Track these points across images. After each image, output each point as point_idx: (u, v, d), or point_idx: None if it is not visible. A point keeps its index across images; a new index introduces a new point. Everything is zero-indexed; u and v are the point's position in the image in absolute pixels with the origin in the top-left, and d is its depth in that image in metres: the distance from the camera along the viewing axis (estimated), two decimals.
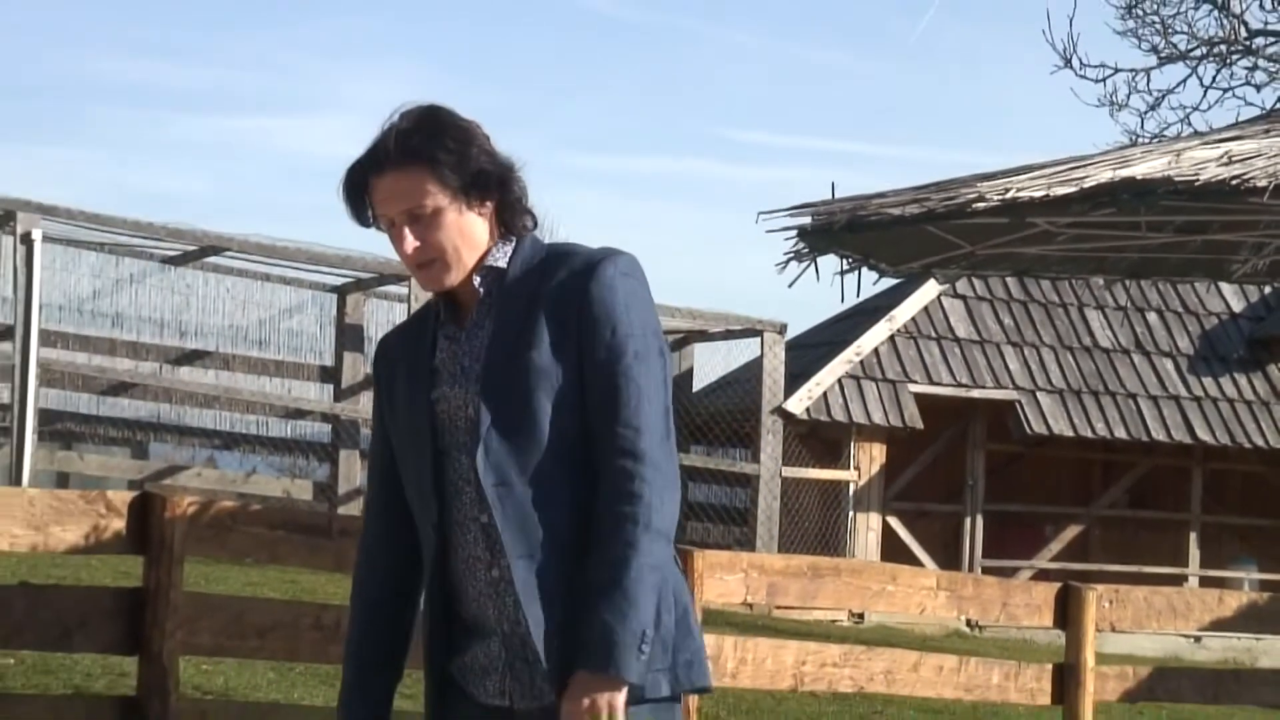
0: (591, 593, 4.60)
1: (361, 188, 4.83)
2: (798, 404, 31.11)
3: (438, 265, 4.78)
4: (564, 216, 4.86)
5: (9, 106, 74.11)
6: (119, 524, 10.37)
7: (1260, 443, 33.61)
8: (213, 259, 27.06)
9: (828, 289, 11.05)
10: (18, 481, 23.94)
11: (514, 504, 4.66)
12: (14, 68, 75.88)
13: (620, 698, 4.56)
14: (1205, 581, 31.85)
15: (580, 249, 4.86)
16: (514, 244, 4.86)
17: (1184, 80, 22.59)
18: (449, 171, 4.73)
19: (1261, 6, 22.28)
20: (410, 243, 4.75)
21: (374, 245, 23.27)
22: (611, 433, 4.67)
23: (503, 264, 4.83)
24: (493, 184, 4.80)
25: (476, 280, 4.83)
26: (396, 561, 5.02)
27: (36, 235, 25.32)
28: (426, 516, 4.80)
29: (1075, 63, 22.89)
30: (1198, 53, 22.51)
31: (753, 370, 29.77)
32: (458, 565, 4.78)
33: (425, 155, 4.73)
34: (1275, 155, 8.33)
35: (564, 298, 4.71)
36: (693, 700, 11.72)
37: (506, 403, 4.69)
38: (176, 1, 77.86)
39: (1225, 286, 32.62)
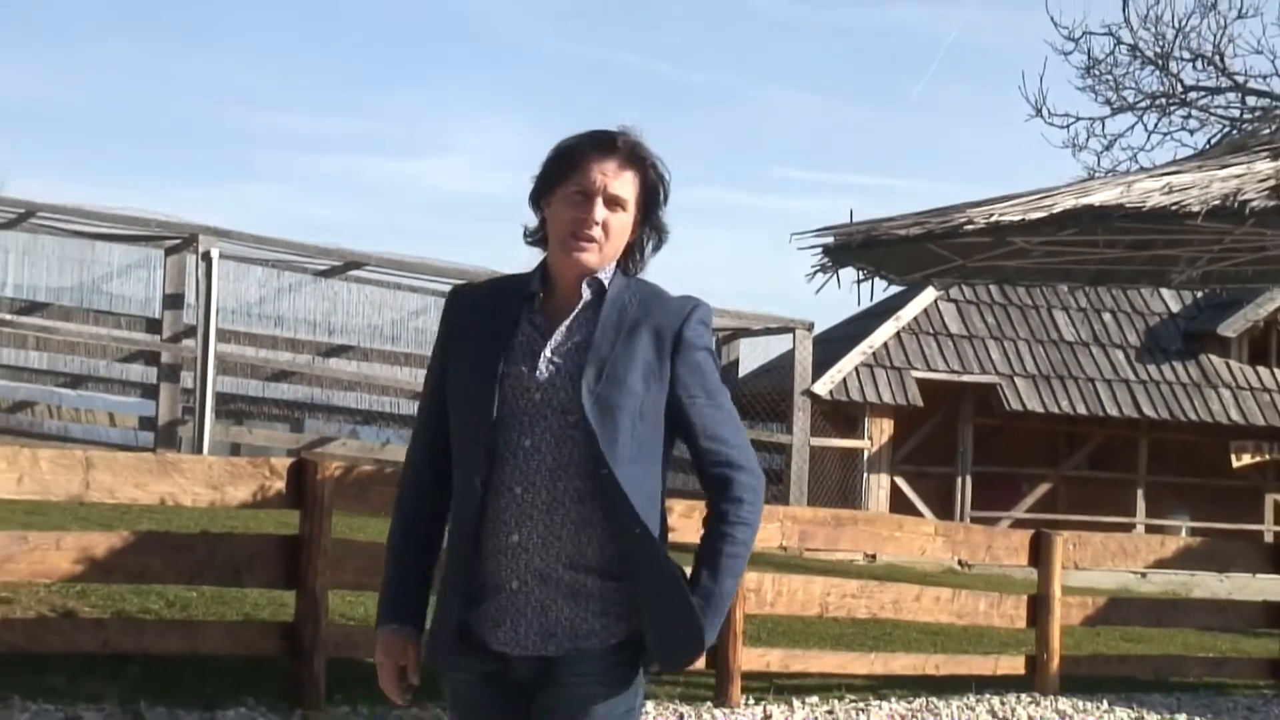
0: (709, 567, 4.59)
1: (570, 158, 4.64)
2: (822, 387, 31.16)
3: (594, 247, 4.57)
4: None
5: (193, 150, 73.86)
6: (280, 484, 10.57)
7: (1194, 417, 33.58)
8: (355, 272, 27.00)
9: (847, 294, 11.37)
10: (199, 451, 24.05)
11: (634, 468, 4.49)
12: (198, 118, 75.41)
13: None
14: (1149, 529, 31.74)
15: (667, 294, 4.73)
16: (616, 271, 4.67)
17: (1132, 127, 22.62)
18: (648, 193, 4.68)
19: (1194, 67, 22.37)
20: (600, 213, 4.54)
21: (482, 260, 23.38)
22: (710, 441, 4.61)
23: (604, 280, 4.62)
24: (652, 223, 4.75)
25: (585, 286, 4.62)
26: (435, 486, 4.73)
27: (214, 254, 25.54)
28: (474, 472, 4.56)
29: (1045, 112, 22.94)
30: (1143, 105, 22.56)
31: (786, 360, 29.75)
32: (483, 523, 4.54)
33: (647, 168, 4.67)
34: (1206, 187, 8.50)
35: (661, 331, 4.58)
36: (738, 622, 11.98)
37: (609, 401, 4.49)
38: (325, 64, 77.27)
39: (1165, 292, 32.60)
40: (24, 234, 26.67)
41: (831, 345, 32.64)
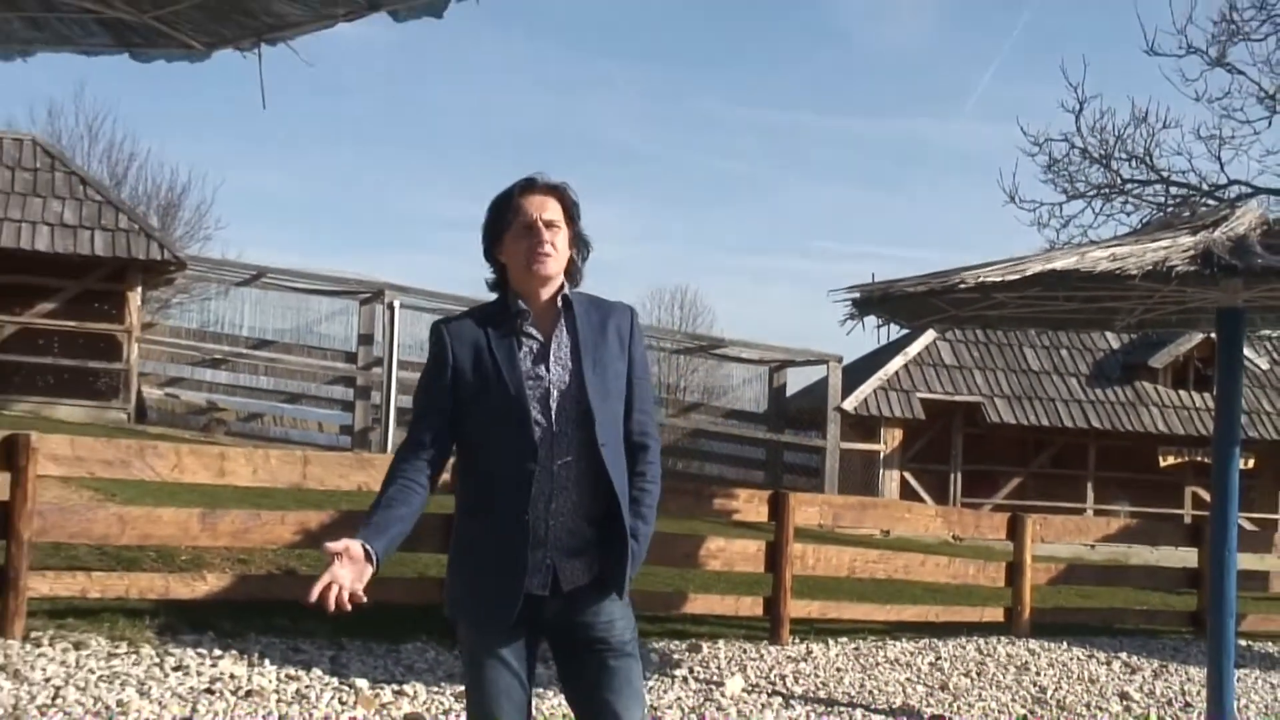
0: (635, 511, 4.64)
1: (506, 205, 4.62)
2: (849, 404, 31.28)
3: (551, 258, 4.54)
4: (716, 291, 4.85)
5: (382, 227, 74.29)
6: (447, 475, 10.77)
7: (1131, 428, 33.60)
8: None
9: (869, 335, 11.37)
10: (385, 450, 24.21)
11: (612, 452, 4.52)
12: (387, 203, 75.72)
13: None
14: (1097, 512, 31.73)
15: (610, 301, 4.75)
16: (566, 286, 4.64)
17: (1082, 210, 22.41)
18: (568, 212, 4.64)
19: (1130, 165, 22.20)
20: (546, 234, 4.52)
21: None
22: (639, 414, 4.69)
23: (569, 297, 4.62)
24: (581, 241, 4.70)
25: (558, 304, 4.62)
26: (427, 464, 4.60)
27: (396, 304, 25.74)
28: (523, 458, 4.48)
29: (1016, 199, 22.75)
30: (1091, 193, 22.33)
31: (822, 384, 29.84)
32: (529, 498, 4.48)
33: (562, 194, 4.65)
34: (1141, 255, 8.46)
35: (619, 330, 4.63)
36: (787, 580, 12.01)
37: (602, 391, 4.54)
38: (472, 168, 77.79)
39: (1109, 334, 32.52)
40: (257, 289, 27.08)
41: (856, 373, 32.77)
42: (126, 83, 79.55)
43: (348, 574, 4.37)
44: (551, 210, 4.61)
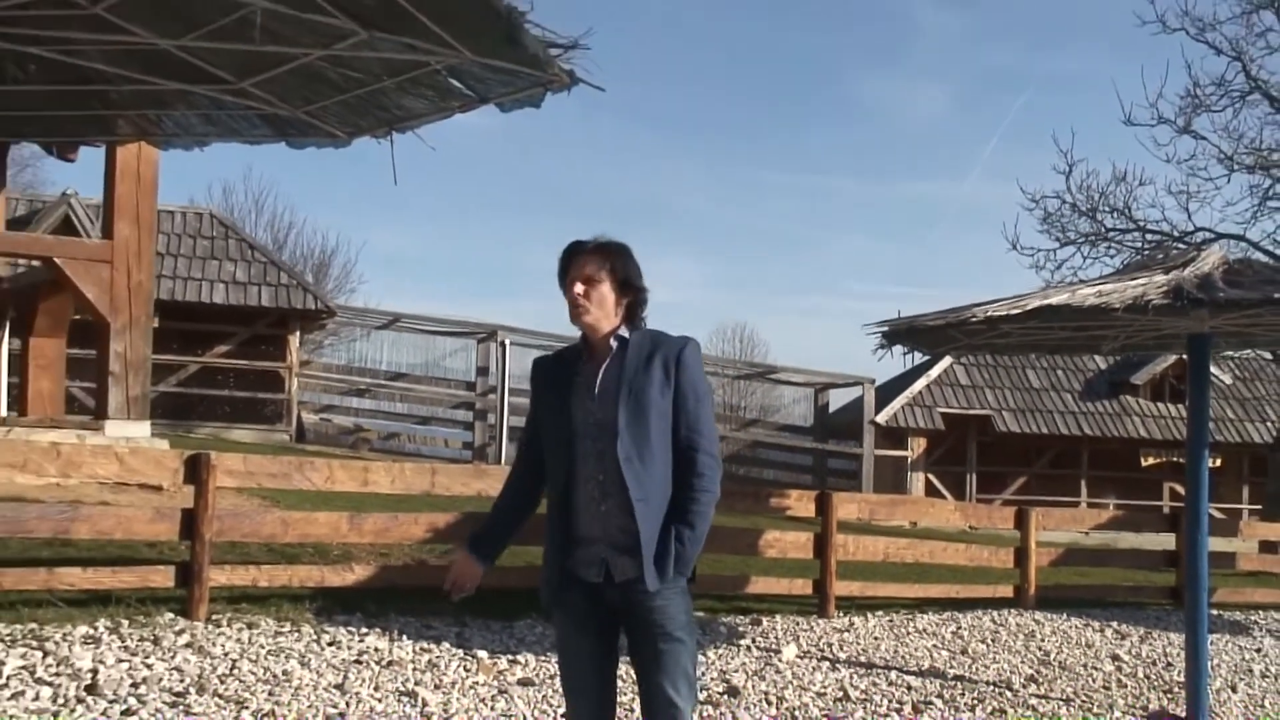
0: (680, 517, 4.56)
1: (561, 264, 4.62)
2: (881, 418, 31.36)
3: (583, 310, 4.53)
4: (769, 326, 4.83)
5: (493, 278, 74.66)
6: None
7: (1117, 434, 33.69)
8: None
9: (897, 361, 11.37)
10: (499, 462, 24.26)
11: (635, 466, 4.47)
12: (494, 259, 76.34)
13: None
14: (1089, 505, 31.57)
15: (670, 336, 4.66)
16: (632, 327, 4.60)
17: (1072, 255, 22.26)
18: (616, 270, 4.58)
19: (1112, 217, 22.05)
20: (579, 289, 4.53)
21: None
22: (687, 430, 4.58)
23: (626, 336, 4.58)
24: (632, 289, 4.62)
25: (613, 343, 4.57)
26: (528, 482, 4.76)
27: (506, 342, 25.80)
28: (561, 469, 4.54)
29: (1018, 247, 22.62)
30: (1080, 241, 22.17)
31: (859, 402, 29.77)
32: (578, 503, 4.52)
33: (610, 254, 4.59)
34: (1123, 292, 8.40)
35: (666, 361, 4.55)
36: (833, 565, 11.98)
37: (633, 413, 4.49)
38: (560, 230, 78.22)
39: (1098, 357, 32.31)
40: (393, 331, 27.23)
41: (886, 392, 32.84)
42: (284, 165, 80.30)
43: (465, 575, 4.77)
44: (591, 269, 4.59)
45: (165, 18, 4.27)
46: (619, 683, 4.77)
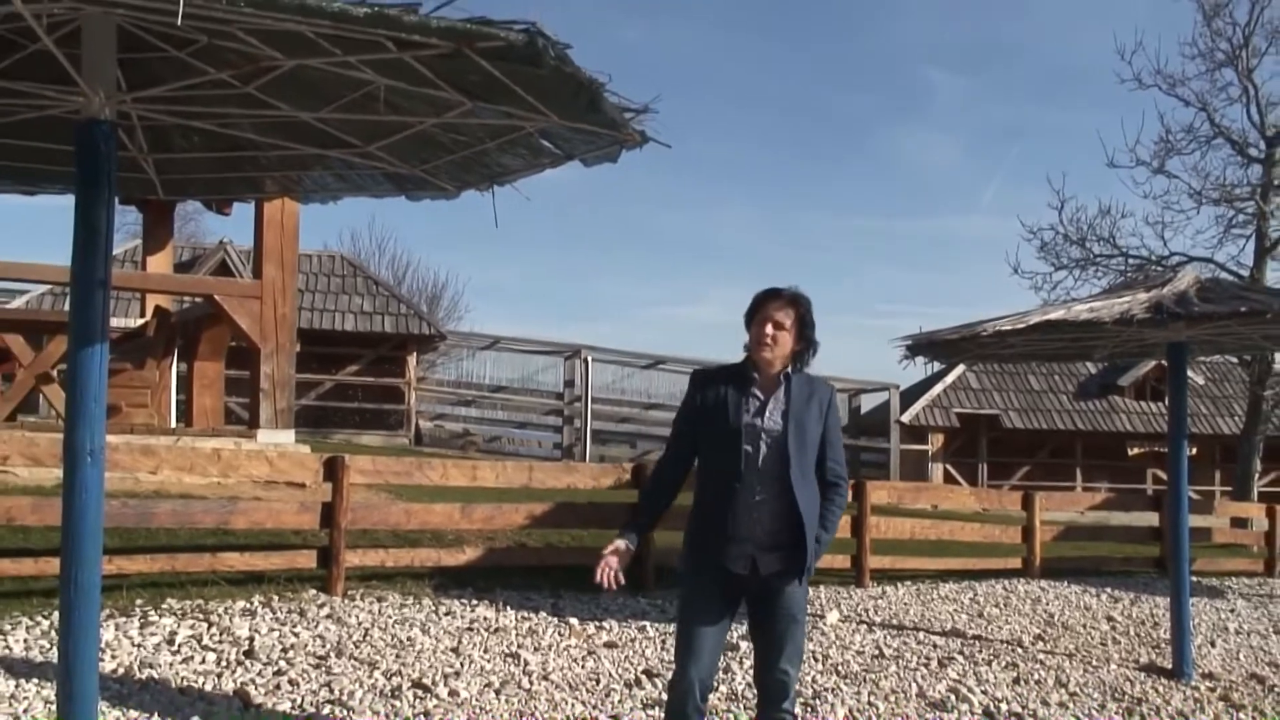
0: (822, 525, 4.69)
1: (757, 302, 4.72)
2: (906, 418, 31.16)
3: (767, 348, 4.63)
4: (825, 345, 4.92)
5: (581, 305, 74.89)
6: (627, 476, 10.57)
7: (1106, 429, 33.32)
8: (661, 366, 27.22)
9: (919, 369, 11.31)
10: (584, 459, 24.34)
11: (802, 485, 4.58)
12: (583, 290, 76.50)
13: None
14: (1084, 489, 31.18)
15: (820, 381, 4.80)
16: (794, 368, 4.72)
17: (1066, 277, 22.12)
18: (801, 321, 4.68)
19: (1099, 244, 21.87)
20: (769, 330, 4.62)
21: (719, 357, 23.20)
22: (832, 462, 4.75)
23: (791, 375, 4.69)
24: (807, 339, 4.72)
25: (780, 379, 4.68)
26: (675, 475, 4.80)
27: (589, 359, 25.86)
28: (732, 477, 4.59)
29: (1019, 272, 22.58)
30: (1072, 265, 22.03)
31: (886, 405, 29.62)
32: (735, 505, 4.56)
33: (799, 306, 4.68)
34: (1111, 308, 8.32)
35: (820, 402, 4.70)
36: (868, 543, 11.89)
37: (800, 443, 4.61)
38: (649, 271, 78.18)
39: (1090, 363, 32.06)
40: (494, 351, 27.30)
41: (910, 395, 32.64)
42: (403, 214, 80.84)
43: (615, 561, 4.77)
44: (784, 315, 4.69)
45: (305, 94, 4.31)
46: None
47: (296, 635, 7.47)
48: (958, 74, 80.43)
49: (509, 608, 8.89)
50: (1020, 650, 9.23)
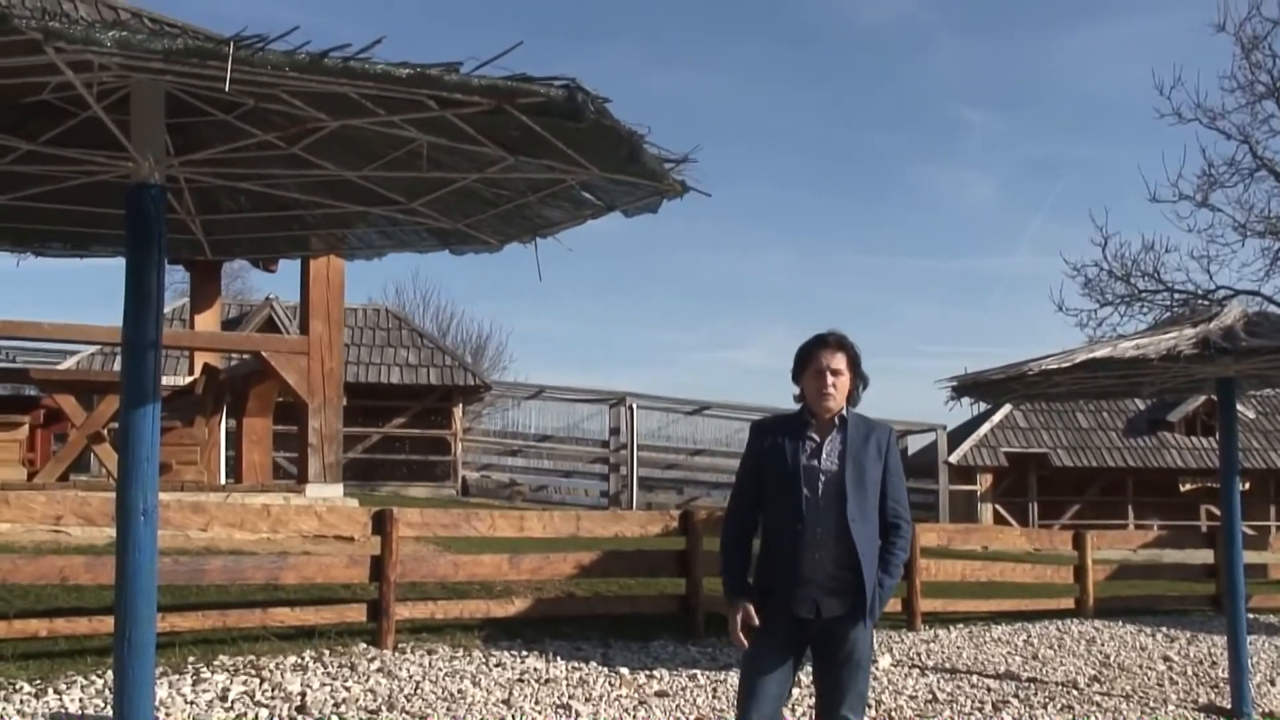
0: (884, 568, 4.67)
1: (808, 353, 4.76)
2: (953, 458, 30.97)
3: (832, 397, 4.66)
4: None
5: (621, 351, 74.99)
6: (675, 523, 10.55)
7: (1157, 465, 33.01)
8: (706, 412, 27.18)
9: (965, 409, 11.25)
10: (631, 507, 24.29)
11: (860, 525, 4.58)
12: (625, 336, 76.52)
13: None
14: (1136, 527, 30.82)
15: (878, 422, 4.82)
16: (847, 407, 4.74)
17: (1111, 314, 22.08)
18: (852, 361, 4.73)
19: (1144, 280, 21.82)
20: (830, 380, 4.65)
21: (771, 404, 23.07)
22: (893, 502, 4.73)
23: (845, 416, 4.71)
24: (859, 376, 4.76)
25: (836, 420, 4.70)
26: (750, 519, 4.77)
27: (634, 406, 25.86)
28: (793, 521, 4.60)
29: (1064, 309, 22.54)
30: (1117, 302, 21.99)
31: (933, 446, 29.43)
32: (798, 548, 4.57)
33: (848, 348, 4.74)
34: (1158, 344, 8.27)
35: (879, 442, 4.69)
36: (919, 586, 11.81)
37: (857, 482, 4.61)
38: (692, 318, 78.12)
39: (1138, 400, 31.84)
40: (539, 401, 27.39)
41: (958, 436, 32.46)
42: (447, 267, 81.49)
43: (746, 619, 4.66)
44: (838, 362, 4.73)
45: (349, 153, 4.37)
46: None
47: (348, 689, 7.48)
48: (991, 111, 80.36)
49: (559, 658, 8.87)
50: (1076, 692, 9.11)
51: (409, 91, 3.32)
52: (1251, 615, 12.94)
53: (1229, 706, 8.80)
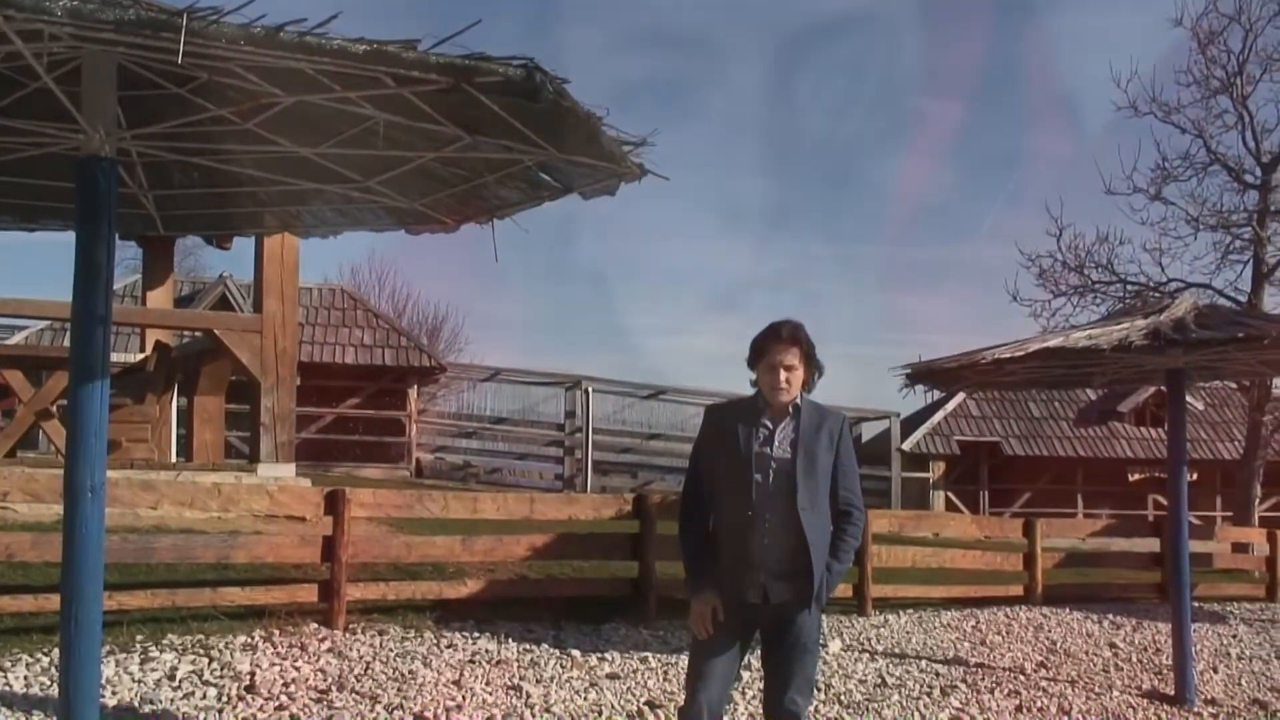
0: (834, 554, 4.66)
1: (761, 346, 4.73)
2: (907, 446, 31.12)
3: (785, 391, 4.64)
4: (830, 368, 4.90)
5: (580, 337, 74.78)
6: (628, 507, 10.54)
7: (1106, 455, 33.30)
8: (661, 396, 27.16)
9: (920, 396, 11.25)
10: (586, 491, 24.27)
11: (809, 513, 4.58)
12: (584, 325, 76.35)
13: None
14: (1085, 516, 31.16)
15: (832, 410, 4.81)
16: (801, 395, 4.73)
17: (1064, 304, 22.14)
18: (806, 352, 4.71)
19: (1097, 271, 21.94)
20: (783, 375, 4.62)
21: (726, 388, 23.06)
22: (845, 490, 4.72)
23: (799, 404, 4.70)
24: (813, 366, 4.75)
25: (790, 408, 4.68)
26: (702, 510, 4.74)
27: (590, 389, 25.81)
28: (743, 507, 4.61)
29: (1018, 299, 22.54)
30: (1070, 293, 22.05)
31: (887, 433, 29.53)
32: (748, 534, 4.60)
33: (801, 341, 4.71)
34: (1109, 335, 8.35)
35: (831, 431, 4.68)
36: (870, 571, 11.86)
37: (808, 470, 4.61)
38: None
39: (1089, 390, 32.09)
40: (494, 383, 27.20)
41: (911, 423, 32.63)
42: (403, 247, 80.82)
43: (713, 614, 4.65)
44: (791, 357, 4.70)
45: (304, 130, 4.33)
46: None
47: (298, 669, 7.44)
48: (949, 101, 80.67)
49: (511, 640, 8.86)
50: (1023, 678, 9.20)
51: (366, 68, 3.29)
52: (1196, 604, 13.12)
53: (1173, 693, 8.91)
